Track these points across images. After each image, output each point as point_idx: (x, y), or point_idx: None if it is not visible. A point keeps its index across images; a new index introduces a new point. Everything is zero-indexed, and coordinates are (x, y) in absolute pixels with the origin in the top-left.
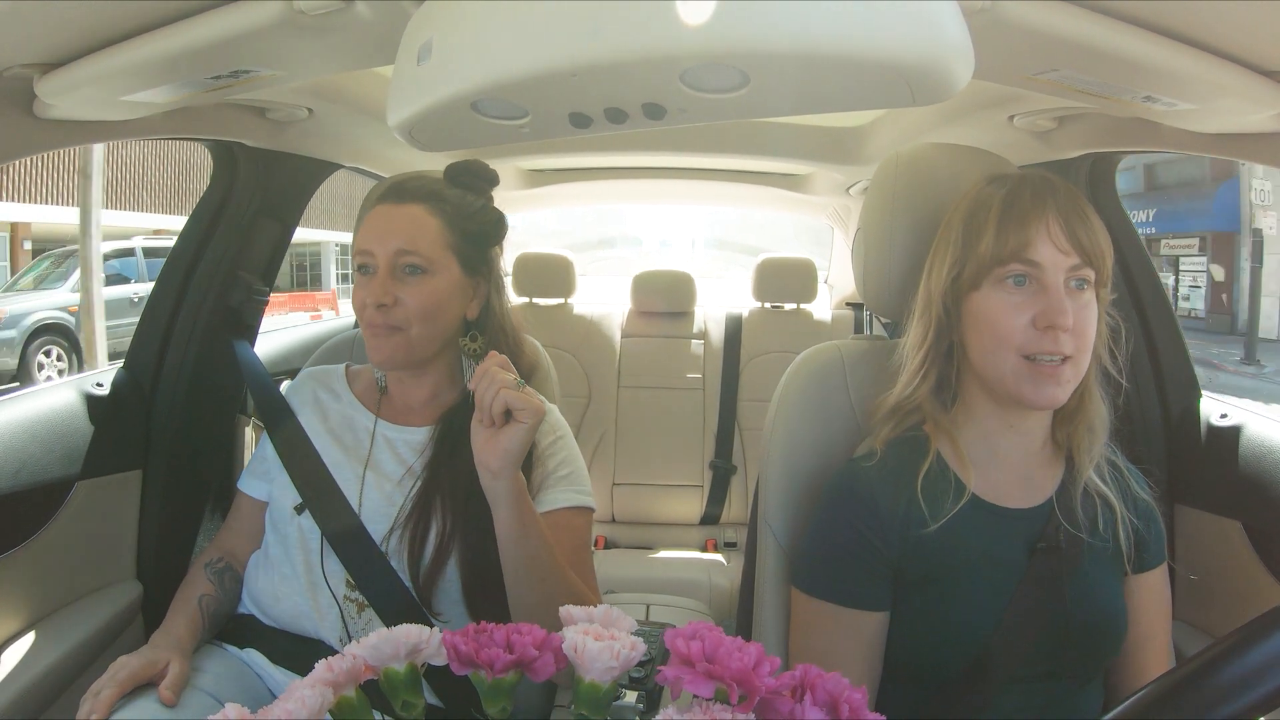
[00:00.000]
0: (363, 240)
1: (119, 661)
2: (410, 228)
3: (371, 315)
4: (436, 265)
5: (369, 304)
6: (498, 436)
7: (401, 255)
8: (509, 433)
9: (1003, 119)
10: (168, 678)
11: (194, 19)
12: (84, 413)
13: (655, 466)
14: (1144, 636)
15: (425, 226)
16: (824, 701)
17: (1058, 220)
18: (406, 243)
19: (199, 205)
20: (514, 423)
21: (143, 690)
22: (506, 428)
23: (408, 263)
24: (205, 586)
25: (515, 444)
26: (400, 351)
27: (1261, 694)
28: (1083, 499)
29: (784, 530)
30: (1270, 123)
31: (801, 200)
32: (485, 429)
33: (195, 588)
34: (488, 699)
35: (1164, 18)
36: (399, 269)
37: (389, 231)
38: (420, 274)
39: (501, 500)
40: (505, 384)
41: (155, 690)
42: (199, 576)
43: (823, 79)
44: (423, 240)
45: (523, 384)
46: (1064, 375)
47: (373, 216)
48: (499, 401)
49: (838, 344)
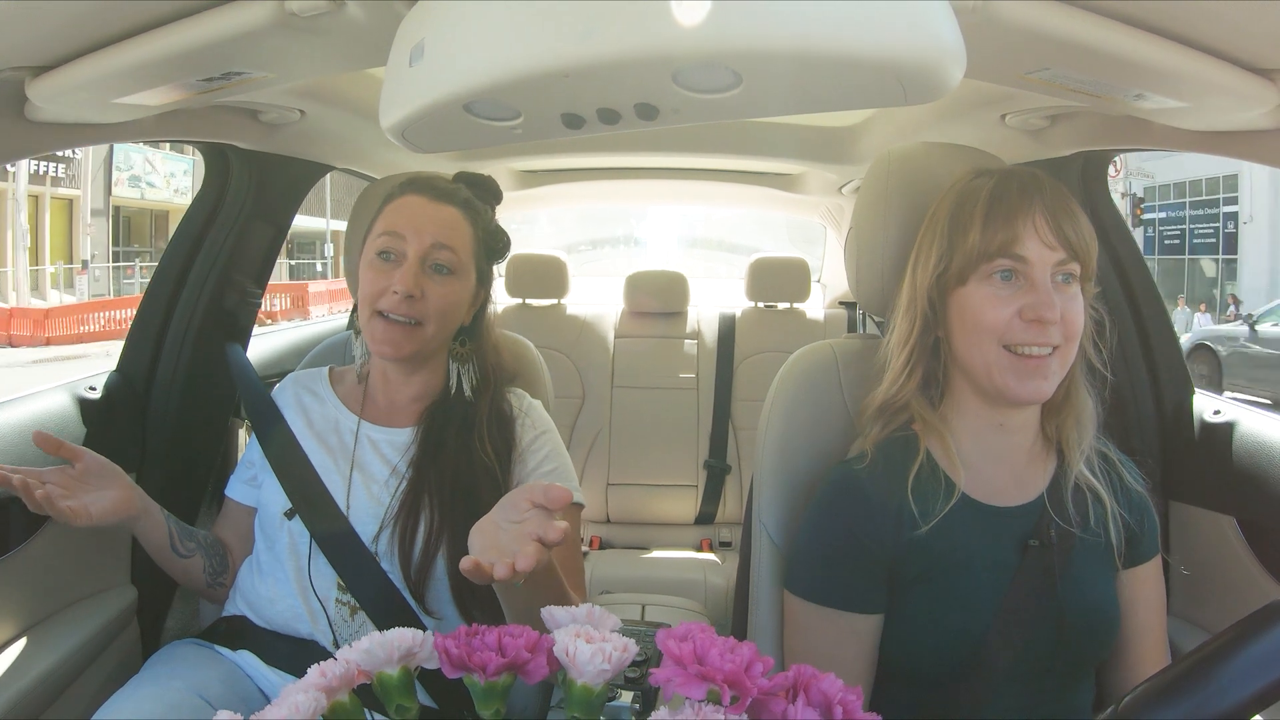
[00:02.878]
0: (391, 223)
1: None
2: (448, 227)
3: (394, 304)
4: (461, 269)
5: (394, 292)
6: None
7: (437, 250)
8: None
9: (995, 117)
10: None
11: (186, 21)
12: (77, 416)
13: (650, 466)
14: (1138, 631)
15: (461, 230)
16: (818, 702)
17: (1045, 215)
18: (445, 239)
19: (191, 207)
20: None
21: (133, 685)
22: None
23: (440, 260)
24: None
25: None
26: (412, 345)
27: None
28: (1074, 494)
29: (779, 530)
30: (1261, 120)
31: (794, 200)
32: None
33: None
34: (481, 701)
35: (1155, 16)
36: (428, 264)
37: (427, 223)
38: (447, 274)
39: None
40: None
41: (145, 687)
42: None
43: (815, 78)
44: (458, 242)
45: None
46: (1050, 368)
47: (405, 204)
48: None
49: (831, 343)
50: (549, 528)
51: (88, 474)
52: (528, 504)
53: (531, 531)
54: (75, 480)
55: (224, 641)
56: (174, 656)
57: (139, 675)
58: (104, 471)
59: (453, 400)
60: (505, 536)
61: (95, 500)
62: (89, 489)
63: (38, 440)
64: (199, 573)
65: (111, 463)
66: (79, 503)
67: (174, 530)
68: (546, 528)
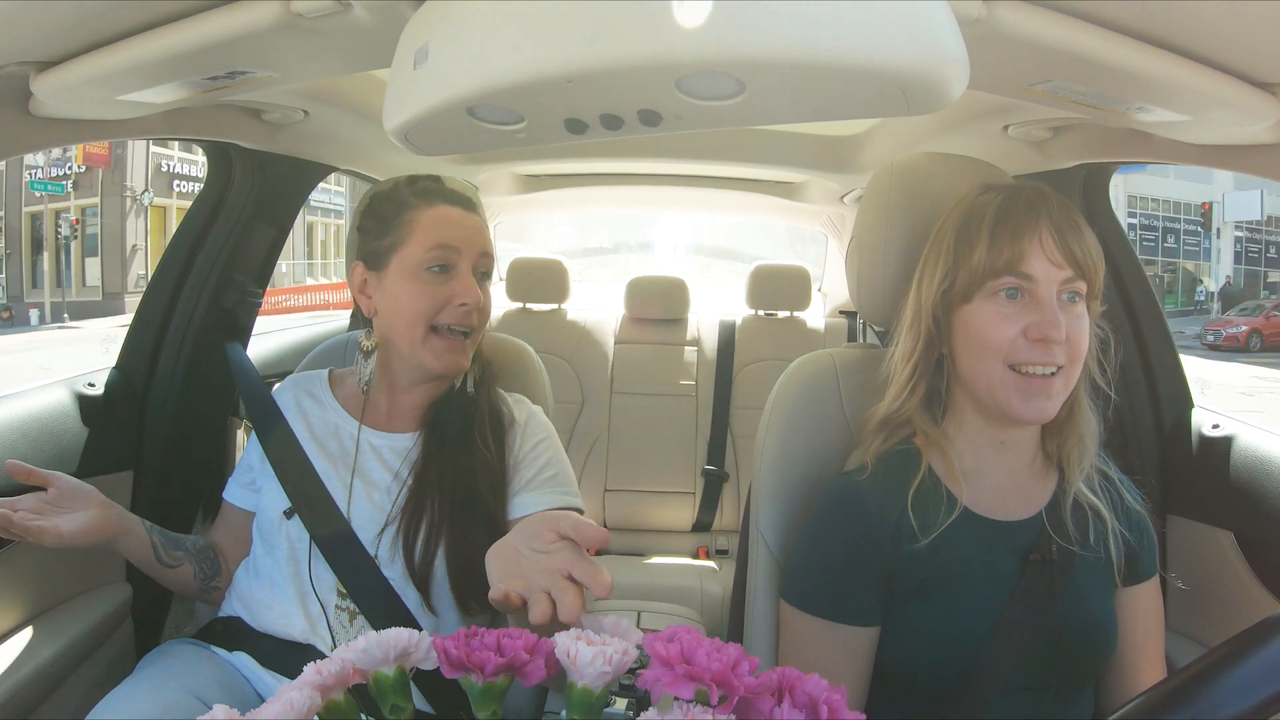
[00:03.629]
0: (443, 236)
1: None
2: (485, 235)
3: (460, 316)
4: (493, 274)
5: (461, 304)
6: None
7: (483, 259)
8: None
9: (997, 129)
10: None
11: (191, 19)
12: (76, 413)
13: (648, 473)
14: (1136, 646)
15: (489, 236)
16: (803, 703)
17: (1051, 233)
18: (487, 246)
19: (193, 206)
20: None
21: (128, 684)
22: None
23: (485, 268)
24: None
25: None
26: (469, 356)
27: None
28: (1074, 511)
29: (775, 539)
30: (1263, 134)
31: (796, 208)
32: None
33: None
34: (478, 703)
35: (1158, 29)
36: (476, 273)
37: (473, 234)
38: (486, 280)
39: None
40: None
41: (141, 686)
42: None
43: (819, 87)
44: (490, 248)
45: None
46: (1054, 388)
47: (447, 217)
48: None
49: (831, 352)
50: (594, 577)
51: (61, 497)
52: (553, 535)
53: (562, 568)
54: (48, 504)
55: (220, 642)
56: (169, 656)
57: (134, 674)
58: (77, 494)
59: (455, 397)
60: (529, 566)
61: (67, 521)
62: (61, 510)
63: (9, 470)
64: (189, 579)
65: (86, 484)
66: (49, 523)
67: (158, 543)
68: (589, 574)
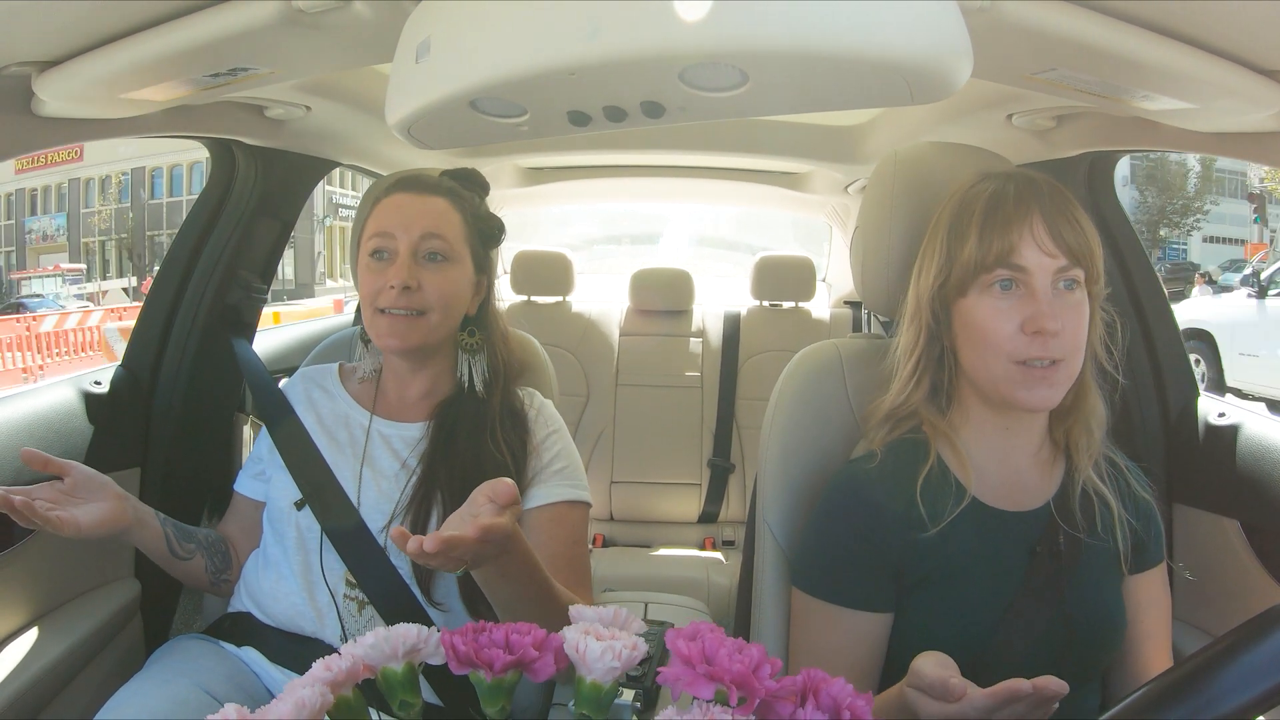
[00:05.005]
0: (380, 224)
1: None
2: (435, 216)
3: (393, 298)
4: (456, 255)
5: (391, 286)
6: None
7: (427, 240)
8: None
9: (1001, 118)
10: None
11: (192, 17)
12: (82, 411)
13: (653, 464)
14: (1143, 636)
15: (449, 217)
16: (827, 706)
17: (1042, 222)
18: (433, 228)
19: (197, 203)
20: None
21: (138, 680)
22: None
23: (431, 249)
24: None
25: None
26: (418, 336)
27: (1259, 693)
28: (1081, 500)
29: (782, 529)
30: (1269, 122)
31: (800, 199)
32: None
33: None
34: (487, 699)
35: (1163, 17)
36: (421, 254)
37: (414, 217)
38: (441, 261)
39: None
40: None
41: (151, 682)
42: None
43: (822, 78)
44: (447, 228)
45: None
46: (1056, 377)
47: (391, 203)
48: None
49: (836, 342)
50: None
51: (77, 487)
52: (485, 499)
53: (479, 518)
54: (65, 494)
55: (229, 638)
56: (179, 652)
57: (144, 670)
58: (93, 484)
59: (465, 397)
60: (456, 522)
61: (84, 512)
62: (78, 501)
63: (25, 459)
64: (201, 572)
65: (102, 475)
66: (67, 514)
67: (171, 534)
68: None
